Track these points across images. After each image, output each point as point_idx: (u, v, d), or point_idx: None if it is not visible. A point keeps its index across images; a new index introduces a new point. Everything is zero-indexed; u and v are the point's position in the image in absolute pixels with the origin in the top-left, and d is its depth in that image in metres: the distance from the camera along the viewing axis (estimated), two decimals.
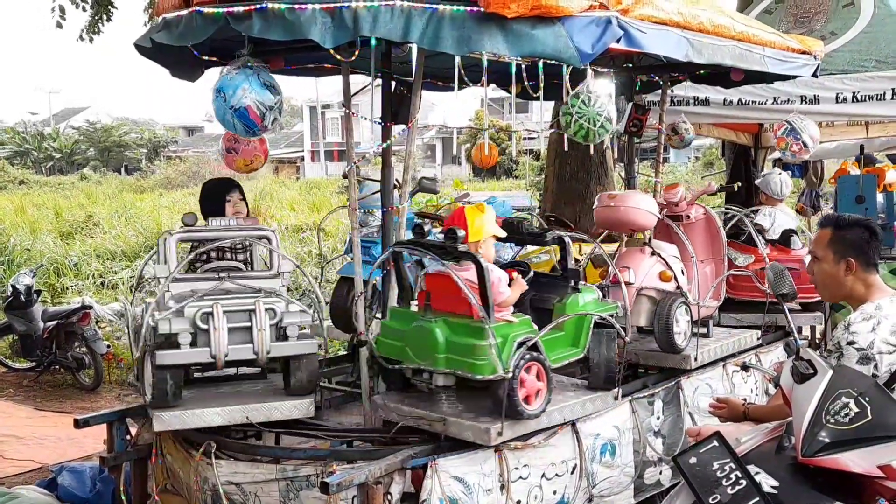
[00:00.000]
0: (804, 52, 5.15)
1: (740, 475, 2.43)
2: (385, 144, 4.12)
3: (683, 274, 4.74)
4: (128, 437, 4.30)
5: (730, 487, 2.42)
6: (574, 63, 3.36)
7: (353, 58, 3.65)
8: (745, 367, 4.04)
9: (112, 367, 8.31)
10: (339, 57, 3.53)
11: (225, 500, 3.52)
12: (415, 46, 3.92)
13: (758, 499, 2.38)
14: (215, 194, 4.62)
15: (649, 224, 4.62)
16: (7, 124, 53.80)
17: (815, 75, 5.37)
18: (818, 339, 6.41)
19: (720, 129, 8.19)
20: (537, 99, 4.19)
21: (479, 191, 20.47)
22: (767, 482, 2.45)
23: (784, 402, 2.84)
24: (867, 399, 2.48)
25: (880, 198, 7.45)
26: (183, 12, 3.46)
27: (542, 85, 3.90)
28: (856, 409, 2.47)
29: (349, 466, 3.36)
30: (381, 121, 4.13)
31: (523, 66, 4.06)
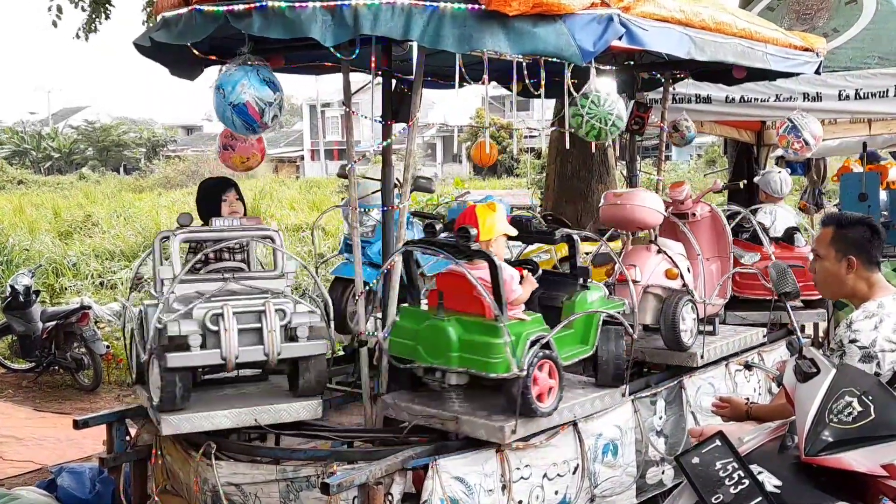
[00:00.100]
0: (806, 50, 5.14)
1: (743, 475, 2.42)
2: (385, 143, 4.10)
3: (689, 272, 4.74)
4: (127, 437, 4.29)
5: (733, 487, 2.41)
6: (576, 61, 3.35)
7: (354, 56, 3.64)
8: (749, 366, 4.04)
9: (111, 368, 8.30)
10: (339, 55, 3.52)
11: (225, 500, 3.51)
12: (415, 44, 3.91)
13: (761, 498, 2.37)
14: (211, 194, 4.59)
15: (655, 222, 4.63)
16: (6, 124, 53.72)
17: (817, 72, 5.36)
18: (822, 337, 6.40)
19: (722, 126, 8.17)
20: (538, 97, 4.18)
21: (479, 189, 20.43)
22: (770, 482, 2.44)
23: (787, 402, 2.83)
24: (870, 398, 2.47)
25: (883, 195, 7.45)
26: (182, 11, 3.44)
27: (543, 83, 3.89)
28: (859, 408, 2.46)
29: (349, 467, 3.34)
30: (381, 119, 4.12)
31: (524, 64, 4.05)
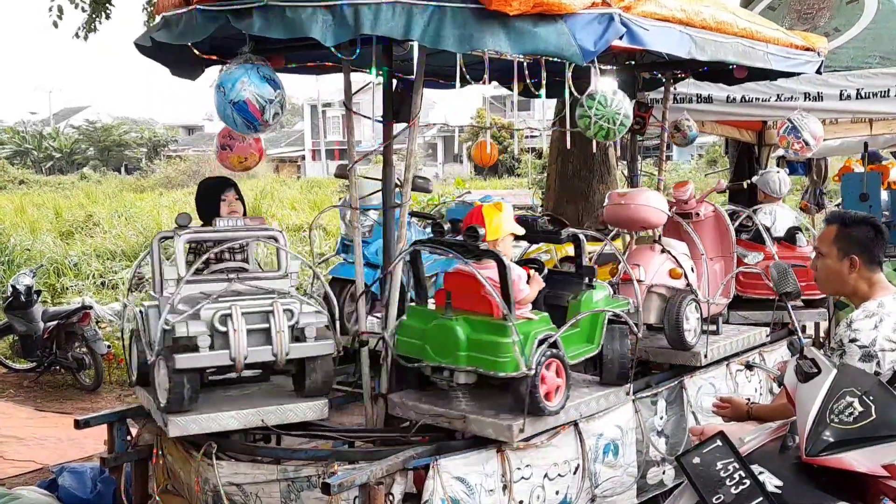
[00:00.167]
0: (808, 49, 5.13)
1: (744, 475, 2.42)
2: (386, 143, 4.10)
3: (693, 271, 4.76)
4: (128, 437, 4.28)
5: (733, 487, 2.41)
6: (577, 60, 3.35)
7: (355, 56, 3.64)
8: (749, 367, 4.03)
9: (112, 368, 8.30)
10: (340, 55, 3.51)
11: (226, 500, 3.51)
12: (416, 44, 3.90)
13: (761, 498, 2.37)
14: (210, 193, 4.55)
15: (660, 221, 4.64)
16: (7, 124, 53.77)
17: (818, 72, 5.36)
18: (822, 337, 6.40)
19: (723, 126, 8.17)
20: (539, 97, 4.18)
21: (480, 189, 20.46)
22: (771, 482, 2.44)
23: (788, 402, 2.83)
24: (871, 398, 2.47)
25: (884, 195, 7.44)
26: (183, 10, 3.44)
27: (544, 83, 3.89)
28: (860, 409, 2.45)
29: (350, 467, 3.35)
30: (382, 119, 4.12)
31: (525, 64, 4.05)
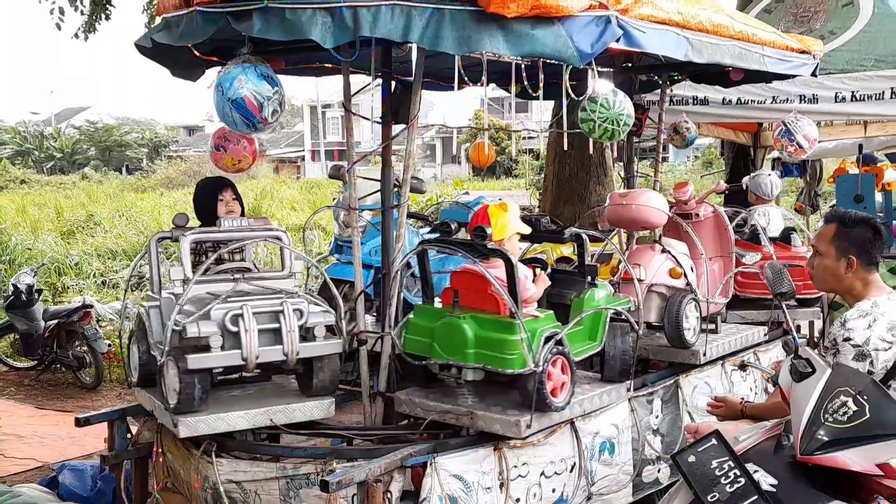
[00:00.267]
0: (803, 52, 5.16)
1: (739, 473, 2.43)
2: (385, 144, 4.13)
3: (693, 271, 4.80)
4: (129, 435, 4.30)
5: (728, 486, 2.42)
6: (574, 63, 3.38)
7: (354, 57, 3.66)
8: (744, 366, 4.05)
9: (113, 366, 8.31)
10: (339, 57, 3.54)
11: (225, 498, 3.53)
12: (415, 46, 3.93)
13: (756, 497, 2.38)
14: (207, 194, 4.52)
15: (660, 222, 4.68)
16: (8, 124, 53.67)
17: (814, 74, 5.39)
18: (816, 336, 6.42)
19: (719, 128, 8.20)
20: (537, 98, 4.21)
21: (478, 189, 20.45)
22: (766, 480, 2.45)
23: (782, 401, 2.85)
24: (865, 397, 2.47)
25: (879, 197, 7.46)
26: (183, 12, 3.47)
27: (541, 85, 3.92)
28: (854, 408, 2.46)
29: (349, 465, 3.36)
30: (381, 120, 4.14)
31: (523, 66, 4.08)
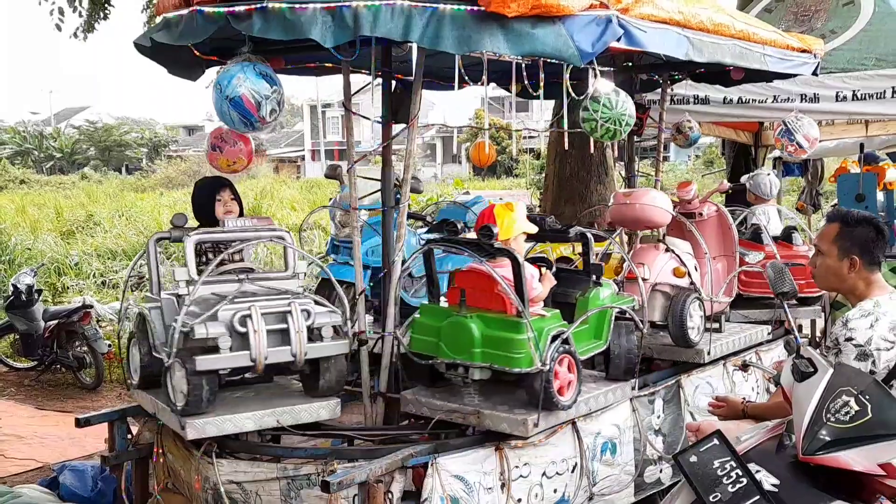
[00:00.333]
0: (804, 51, 5.16)
1: (741, 473, 2.43)
2: (385, 144, 4.12)
3: (697, 270, 4.80)
4: (129, 436, 4.29)
5: (730, 486, 2.42)
6: (574, 62, 3.37)
7: (354, 57, 3.66)
8: (745, 366, 4.05)
9: (113, 367, 8.31)
10: (339, 56, 3.53)
11: (226, 498, 3.52)
12: (415, 46, 3.92)
13: (758, 497, 2.38)
14: (205, 193, 4.49)
15: (664, 221, 4.69)
16: (8, 124, 53.69)
17: (815, 74, 5.38)
18: (818, 336, 6.42)
19: (720, 127, 8.20)
20: (538, 98, 4.21)
21: (479, 189, 20.45)
22: (768, 480, 2.45)
23: (784, 401, 2.84)
24: (867, 397, 2.47)
25: (880, 196, 7.44)
26: (183, 12, 3.46)
27: (542, 84, 3.91)
28: (856, 408, 2.46)
29: (350, 465, 3.36)
30: (381, 120, 4.14)
31: (523, 65, 4.07)
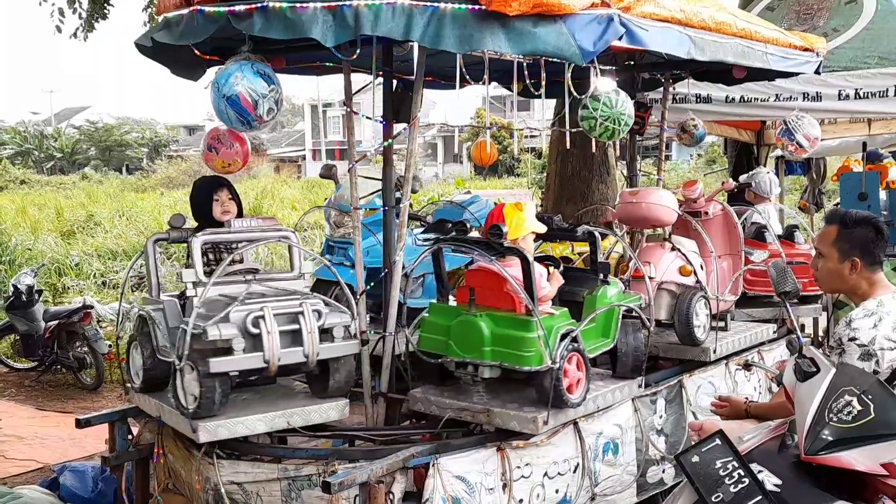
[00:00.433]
0: (806, 49, 5.14)
1: (743, 473, 2.43)
2: (386, 143, 4.11)
3: (702, 269, 4.81)
4: (129, 436, 4.29)
5: (732, 486, 2.42)
6: (576, 61, 3.37)
7: (355, 56, 3.65)
8: (748, 366, 4.04)
9: (113, 367, 8.30)
10: (340, 56, 3.52)
11: (226, 499, 3.52)
12: (416, 45, 3.92)
13: (760, 497, 2.38)
14: (202, 193, 4.40)
15: (670, 220, 4.69)
16: (8, 124, 53.77)
17: (817, 72, 5.37)
18: (821, 335, 6.41)
19: (722, 126, 8.18)
20: (539, 97, 4.19)
21: (480, 189, 20.46)
22: (770, 480, 2.45)
23: (787, 400, 2.84)
24: (870, 397, 2.47)
25: (883, 195, 7.43)
26: (184, 11, 3.45)
27: (543, 83, 3.91)
28: (859, 408, 2.46)
29: (351, 466, 3.35)
30: (382, 119, 4.13)
31: (525, 64, 4.07)
